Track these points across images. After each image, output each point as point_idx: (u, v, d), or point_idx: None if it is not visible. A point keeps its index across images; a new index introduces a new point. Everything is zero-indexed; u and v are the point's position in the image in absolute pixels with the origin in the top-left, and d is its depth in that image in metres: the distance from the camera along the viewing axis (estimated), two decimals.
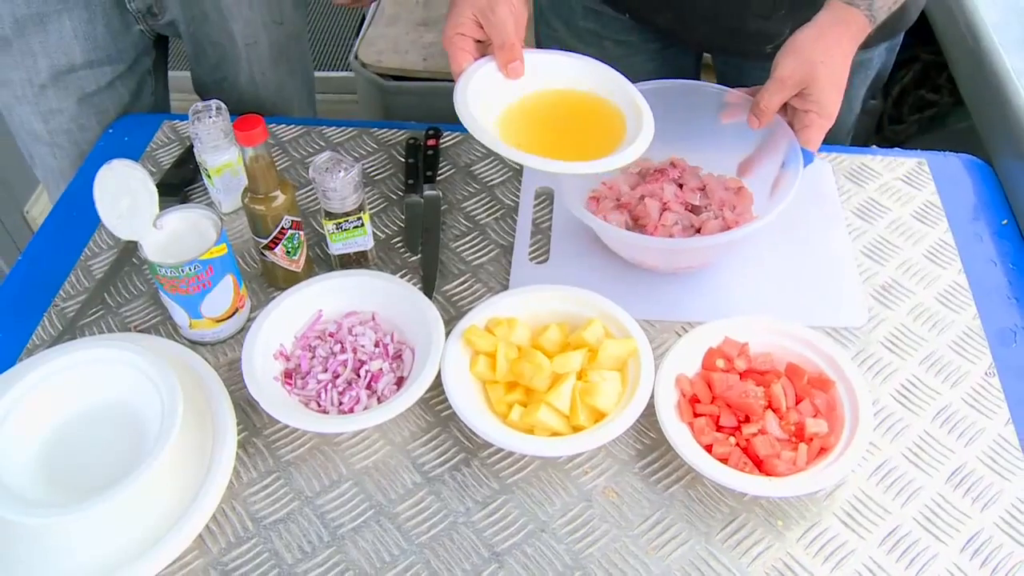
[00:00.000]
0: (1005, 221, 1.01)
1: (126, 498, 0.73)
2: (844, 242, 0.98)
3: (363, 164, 1.10)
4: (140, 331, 0.93)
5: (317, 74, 1.90)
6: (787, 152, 0.90)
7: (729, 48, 1.12)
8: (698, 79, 1.10)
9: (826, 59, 0.85)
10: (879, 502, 0.78)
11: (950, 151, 1.09)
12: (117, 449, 0.80)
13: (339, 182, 0.89)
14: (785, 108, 0.91)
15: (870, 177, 1.06)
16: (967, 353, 0.88)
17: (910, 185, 1.05)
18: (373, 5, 1.75)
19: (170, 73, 1.29)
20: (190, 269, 0.84)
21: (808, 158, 0.90)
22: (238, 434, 0.83)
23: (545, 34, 1.23)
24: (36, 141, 1.17)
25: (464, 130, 1.11)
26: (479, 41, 0.88)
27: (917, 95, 1.52)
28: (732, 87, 0.95)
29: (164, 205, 0.87)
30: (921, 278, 0.95)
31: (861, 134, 1.52)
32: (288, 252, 0.92)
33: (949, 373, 0.87)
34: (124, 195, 0.83)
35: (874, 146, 1.11)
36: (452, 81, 0.88)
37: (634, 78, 0.89)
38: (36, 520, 0.73)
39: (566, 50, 0.91)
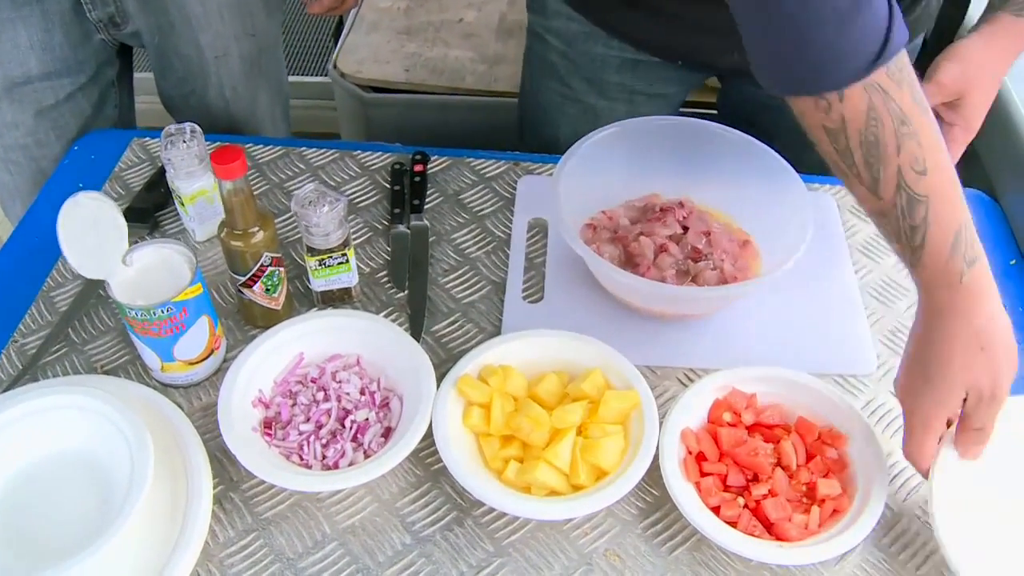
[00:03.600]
0: (1013, 261, 0.97)
1: (92, 565, 0.67)
2: (851, 283, 0.94)
3: (346, 190, 1.04)
4: (107, 371, 0.87)
5: (292, 79, 1.83)
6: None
7: (733, 71, 1.06)
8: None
9: (987, 74, 0.83)
10: (892, 566, 0.74)
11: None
12: (81, 507, 0.74)
13: (323, 217, 0.84)
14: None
15: None
16: None
17: None
18: (352, 11, 1.69)
19: (136, 75, 1.21)
20: (162, 311, 0.78)
21: None
22: (214, 488, 0.77)
23: (555, 93, 1.11)
24: None
25: (453, 154, 1.08)
26: None
27: None
28: (730, 109, 0.91)
29: (133, 232, 0.81)
30: None
31: None
32: (268, 290, 0.87)
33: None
34: (90, 231, 0.77)
35: None
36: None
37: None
38: None
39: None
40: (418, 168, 1.05)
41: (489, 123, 1.50)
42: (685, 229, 0.90)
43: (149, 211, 1.00)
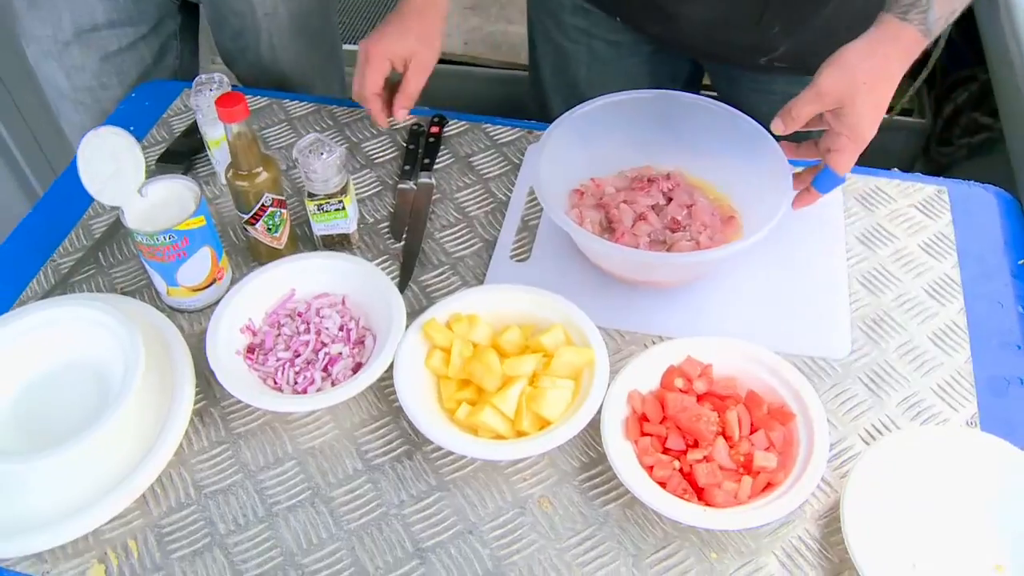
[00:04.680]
0: (1022, 261, 0.94)
1: (79, 452, 0.76)
2: (839, 268, 0.93)
3: (365, 147, 1.10)
4: (126, 293, 0.96)
5: (354, 48, 1.89)
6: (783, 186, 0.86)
7: (720, 57, 1.07)
8: (695, 85, 1.07)
9: (870, 80, 0.80)
10: (823, 548, 0.74)
11: (992, 182, 1.02)
12: (83, 403, 0.83)
13: (320, 164, 0.89)
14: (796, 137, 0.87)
15: (882, 202, 1.00)
16: (951, 399, 0.83)
17: (924, 213, 0.99)
18: None
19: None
20: (165, 238, 0.86)
21: (837, 180, 0.86)
22: (196, 403, 0.84)
23: (537, 31, 1.21)
24: (61, 97, 1.21)
25: (472, 119, 1.12)
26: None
27: (971, 117, 1.43)
28: (724, 95, 0.91)
29: (169, 173, 0.91)
30: (917, 314, 0.90)
31: (905, 155, 1.45)
32: (269, 229, 0.93)
33: (928, 418, 0.82)
34: (109, 162, 0.86)
35: (919, 169, 1.05)
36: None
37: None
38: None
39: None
40: (434, 130, 1.10)
41: None
42: (670, 200, 0.92)
43: (184, 154, 1.08)
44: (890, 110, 1.52)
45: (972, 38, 1.32)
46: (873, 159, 1.04)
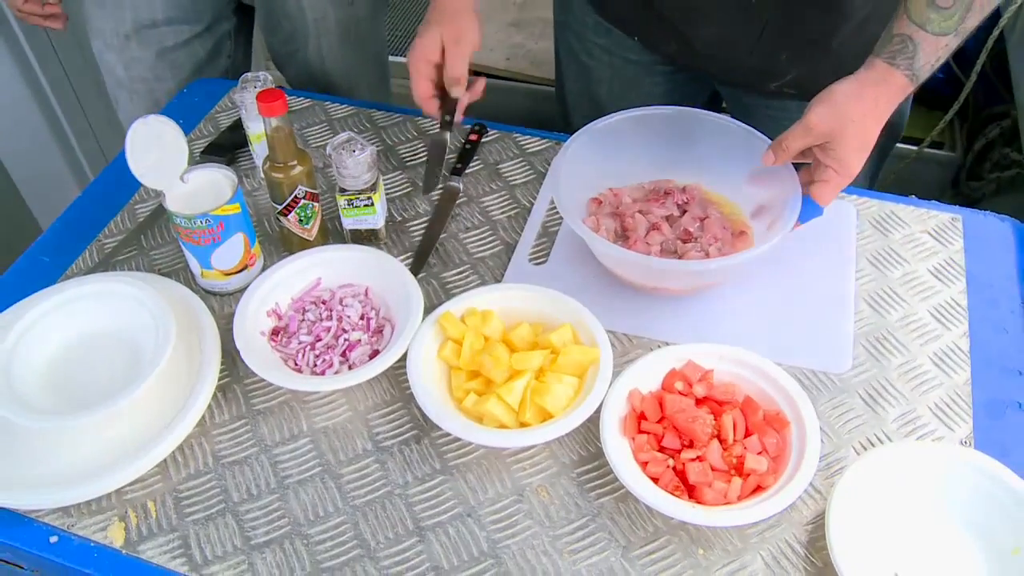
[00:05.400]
0: None
1: (108, 416, 0.81)
2: (847, 287, 0.95)
3: (399, 150, 1.15)
4: (163, 274, 1.01)
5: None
6: (792, 203, 0.89)
7: (732, 81, 1.11)
8: (713, 105, 1.10)
9: (857, 119, 0.84)
10: (808, 552, 0.76)
11: (1021, 217, 1.04)
12: (114, 372, 0.89)
13: (352, 160, 0.94)
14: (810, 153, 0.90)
15: (896, 226, 1.03)
16: (948, 418, 0.85)
17: (937, 239, 1.01)
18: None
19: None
20: (201, 222, 0.91)
21: (816, 212, 0.89)
22: (221, 379, 0.89)
23: (563, 48, 1.25)
24: (118, 86, 1.29)
25: (504, 129, 1.16)
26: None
27: (1002, 152, 1.44)
28: (738, 119, 0.94)
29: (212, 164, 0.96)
30: (920, 335, 0.92)
31: (935, 187, 1.46)
32: (301, 220, 0.98)
33: (922, 435, 0.84)
34: (155, 148, 0.91)
35: (947, 201, 1.07)
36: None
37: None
38: (32, 424, 0.82)
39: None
40: (472, 137, 1.14)
41: None
42: (684, 212, 0.95)
43: (228, 148, 1.15)
44: (919, 142, 1.54)
45: (1005, 74, 1.33)
46: (903, 189, 1.07)
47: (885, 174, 1.26)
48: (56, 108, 1.78)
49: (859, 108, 0.83)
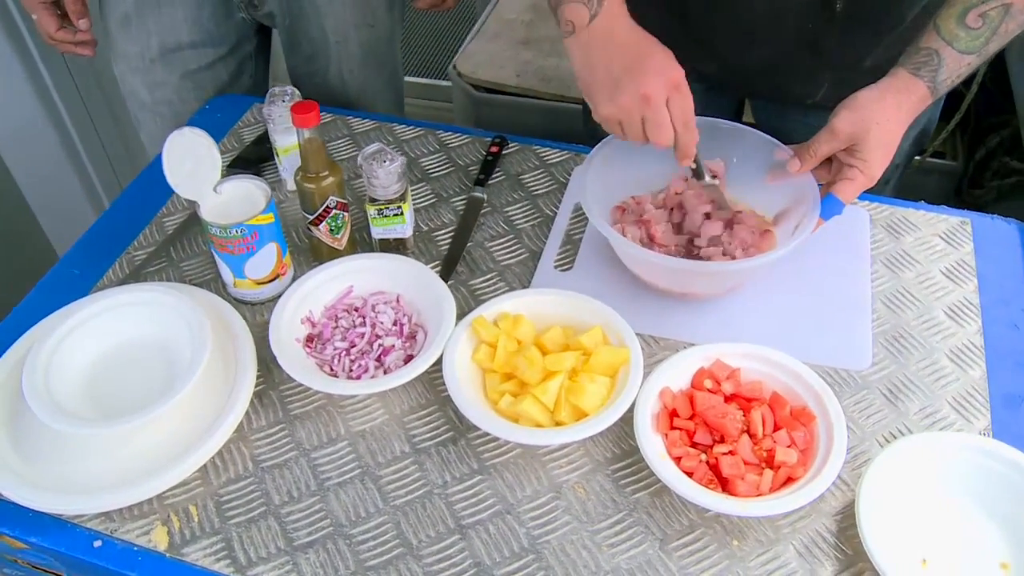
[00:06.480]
0: None
1: (148, 423, 0.83)
2: (864, 289, 0.98)
3: (423, 162, 1.18)
4: (193, 284, 1.03)
5: (419, 80, 1.98)
6: (813, 207, 0.92)
7: (769, 98, 1.14)
8: (736, 116, 1.13)
9: (882, 121, 0.88)
10: (838, 541, 0.79)
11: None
12: (151, 379, 0.90)
13: (383, 170, 0.97)
14: (830, 161, 0.94)
15: (908, 230, 1.06)
16: (966, 411, 0.88)
17: (947, 242, 1.04)
18: (479, 21, 1.85)
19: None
20: (236, 231, 0.93)
21: (837, 209, 0.92)
22: (256, 385, 0.91)
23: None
24: (142, 108, 1.31)
25: (524, 141, 1.19)
26: None
27: (1002, 161, 1.49)
28: (765, 127, 0.97)
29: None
30: (936, 332, 0.95)
31: (938, 195, 1.49)
32: (332, 230, 1.01)
33: (943, 427, 0.87)
34: (189, 159, 0.94)
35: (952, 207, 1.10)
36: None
37: None
38: (75, 431, 0.83)
39: None
40: (493, 149, 1.17)
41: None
42: (708, 216, 0.98)
43: (253, 161, 1.17)
44: (923, 152, 1.58)
45: (1005, 85, 1.37)
46: (908, 198, 1.11)
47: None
48: (72, 133, 1.80)
49: (882, 111, 0.86)
